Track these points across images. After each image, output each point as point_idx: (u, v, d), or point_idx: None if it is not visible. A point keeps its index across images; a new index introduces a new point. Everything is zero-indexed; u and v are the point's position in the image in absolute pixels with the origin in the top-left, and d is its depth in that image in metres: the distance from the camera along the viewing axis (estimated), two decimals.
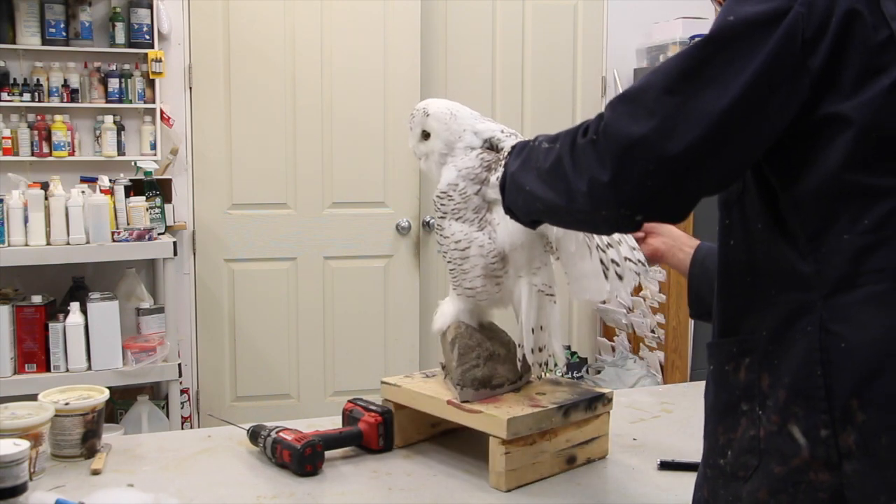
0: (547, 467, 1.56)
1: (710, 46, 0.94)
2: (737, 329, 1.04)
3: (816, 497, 0.92)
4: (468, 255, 1.58)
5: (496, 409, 1.53)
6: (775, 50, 0.91)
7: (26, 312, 2.95)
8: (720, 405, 1.05)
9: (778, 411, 0.95)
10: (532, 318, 1.58)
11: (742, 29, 0.93)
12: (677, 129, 0.92)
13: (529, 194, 1.12)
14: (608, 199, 0.98)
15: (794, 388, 0.94)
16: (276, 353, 3.74)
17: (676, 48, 3.92)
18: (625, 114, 0.96)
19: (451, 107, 1.66)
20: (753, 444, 0.98)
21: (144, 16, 3.36)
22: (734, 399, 1.01)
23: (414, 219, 3.82)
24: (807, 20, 0.91)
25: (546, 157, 1.06)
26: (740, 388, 1.01)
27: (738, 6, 0.94)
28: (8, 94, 3.22)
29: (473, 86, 3.92)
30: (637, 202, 0.97)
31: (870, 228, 0.91)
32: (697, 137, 0.92)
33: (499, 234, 1.56)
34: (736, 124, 0.93)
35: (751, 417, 0.99)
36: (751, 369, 1.00)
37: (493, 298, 1.62)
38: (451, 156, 1.61)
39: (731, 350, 1.03)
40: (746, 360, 1.01)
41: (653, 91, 0.95)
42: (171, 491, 1.49)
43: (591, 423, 1.62)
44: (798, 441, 0.93)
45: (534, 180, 1.08)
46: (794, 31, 0.91)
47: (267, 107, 3.65)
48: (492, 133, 1.61)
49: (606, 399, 1.64)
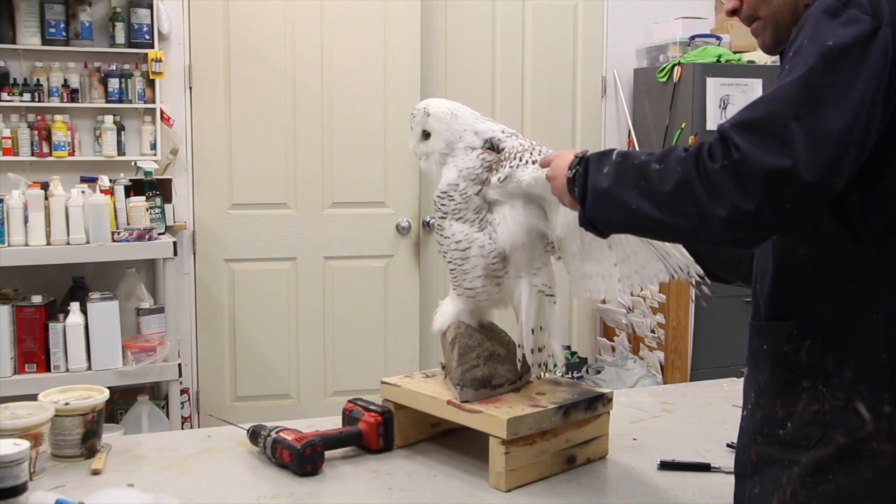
0: (547, 467, 1.56)
1: (819, 71, 1.00)
2: (794, 313, 1.14)
3: (877, 464, 1.06)
4: (468, 256, 1.58)
5: (496, 409, 1.53)
6: (873, 69, 1.00)
7: (26, 312, 2.95)
8: (778, 382, 1.15)
9: (844, 389, 1.07)
10: (532, 318, 1.58)
11: (844, 53, 1.00)
12: (812, 157, 0.98)
13: (636, 213, 1.11)
14: (751, 224, 1.02)
15: (860, 369, 1.06)
16: (276, 353, 3.74)
17: (676, 48, 3.93)
18: (759, 143, 1.00)
19: (451, 107, 1.66)
20: (818, 417, 1.09)
21: (144, 16, 3.36)
22: (794, 376, 1.12)
23: (414, 219, 3.82)
24: (894, 38, 1.01)
25: (663, 179, 1.07)
26: (801, 366, 1.11)
27: (832, 31, 1.01)
28: (8, 94, 3.22)
29: (473, 86, 3.92)
30: (779, 226, 1.02)
31: None
32: (827, 159, 0.98)
33: (499, 235, 1.56)
34: (852, 141, 1.00)
35: (813, 393, 1.10)
36: (812, 350, 1.10)
37: (493, 299, 1.62)
38: (452, 156, 1.61)
39: (791, 332, 1.13)
40: (808, 342, 1.11)
41: (780, 118, 1.00)
42: (171, 491, 1.50)
43: (592, 423, 1.62)
44: (863, 416, 1.06)
45: (643, 200, 1.09)
46: (885, 49, 1.01)
47: (267, 107, 3.65)
48: (492, 133, 1.61)
49: (606, 399, 1.64)
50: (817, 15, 1.03)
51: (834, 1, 1.03)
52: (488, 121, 1.65)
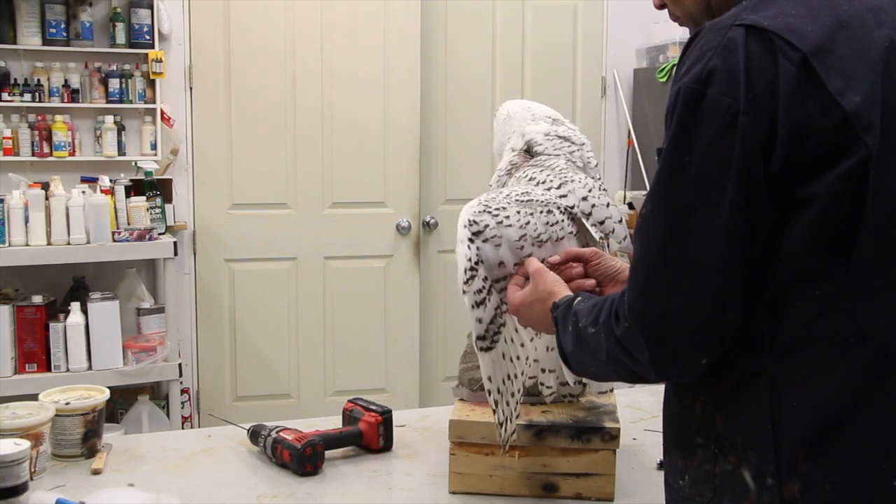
0: (511, 485, 1.50)
1: (678, 193, 0.96)
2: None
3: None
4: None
5: (472, 411, 1.53)
6: (740, 169, 0.93)
7: (27, 312, 2.96)
8: (675, 433, 1.11)
9: (735, 453, 1.01)
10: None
11: (700, 165, 0.95)
12: (688, 302, 0.96)
13: (598, 374, 1.21)
14: (670, 372, 1.04)
15: (748, 437, 0.99)
16: (277, 353, 3.75)
17: (676, 48, 3.92)
18: (637, 291, 1.00)
19: (511, 108, 1.66)
20: (709, 477, 1.04)
21: (145, 16, 3.37)
22: (691, 430, 1.07)
23: (414, 219, 3.82)
24: (756, 126, 0.92)
25: (600, 347, 1.07)
26: (696, 422, 1.06)
27: (690, 136, 0.95)
28: (8, 95, 3.22)
29: (473, 86, 3.92)
30: (695, 366, 1.00)
31: (820, 298, 0.95)
32: (710, 294, 0.96)
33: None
34: (734, 262, 0.95)
35: (706, 452, 1.04)
36: (705, 409, 1.05)
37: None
38: (502, 157, 1.63)
39: (688, 385, 1.07)
40: (702, 398, 1.05)
41: (653, 270, 0.99)
42: (171, 490, 1.50)
43: (584, 455, 1.50)
44: (748, 484, 0.99)
45: (597, 363, 1.11)
46: (748, 141, 0.92)
47: (267, 107, 3.65)
48: (532, 136, 1.60)
49: (608, 434, 1.50)
50: (680, 110, 0.96)
51: (694, 85, 0.95)
52: (545, 122, 1.62)
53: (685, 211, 0.96)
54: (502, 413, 1.41)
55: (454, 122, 3.88)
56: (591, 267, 1.36)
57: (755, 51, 0.94)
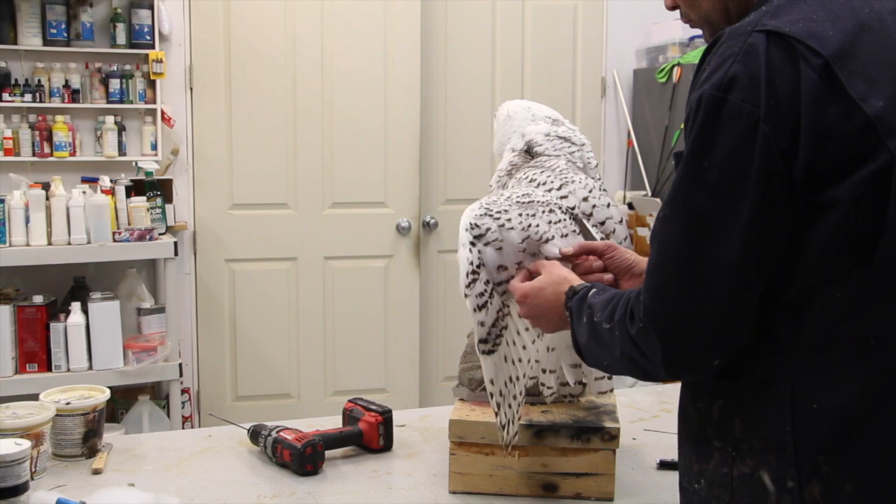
0: (511, 485, 1.50)
1: (701, 203, 0.97)
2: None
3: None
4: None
5: (472, 411, 1.53)
6: (760, 175, 0.93)
7: (27, 312, 2.96)
8: (694, 436, 1.10)
9: (753, 456, 1.01)
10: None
11: (720, 172, 0.95)
12: (704, 305, 0.97)
13: (609, 369, 1.22)
14: (682, 372, 1.05)
15: (767, 440, 1.00)
16: (277, 352, 3.75)
17: (676, 49, 3.93)
18: (658, 301, 1.00)
19: (511, 108, 1.65)
20: (726, 480, 1.04)
21: (145, 17, 3.37)
22: (708, 434, 1.07)
23: (414, 219, 3.82)
24: (777, 133, 0.93)
25: (613, 342, 1.08)
26: (713, 425, 1.06)
27: (711, 138, 0.95)
28: (9, 95, 3.23)
29: (473, 86, 3.93)
30: (707, 367, 1.01)
31: (841, 301, 0.96)
32: (721, 301, 0.97)
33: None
34: (751, 267, 0.96)
35: (723, 455, 1.04)
36: (723, 412, 1.05)
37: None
38: (502, 157, 1.63)
39: (705, 388, 1.07)
40: (719, 401, 1.05)
41: (671, 276, 0.99)
42: (171, 490, 1.50)
43: (584, 455, 1.51)
44: (768, 487, 0.99)
45: (610, 358, 1.12)
46: (769, 148, 0.93)
47: (267, 107, 3.65)
48: (533, 136, 1.60)
49: (608, 434, 1.50)
50: (702, 117, 0.97)
51: (715, 92, 0.95)
52: (545, 122, 1.62)
53: (703, 216, 0.96)
54: (504, 416, 1.41)
55: (454, 122, 3.89)
56: (605, 260, 1.36)
57: (776, 57, 0.94)
